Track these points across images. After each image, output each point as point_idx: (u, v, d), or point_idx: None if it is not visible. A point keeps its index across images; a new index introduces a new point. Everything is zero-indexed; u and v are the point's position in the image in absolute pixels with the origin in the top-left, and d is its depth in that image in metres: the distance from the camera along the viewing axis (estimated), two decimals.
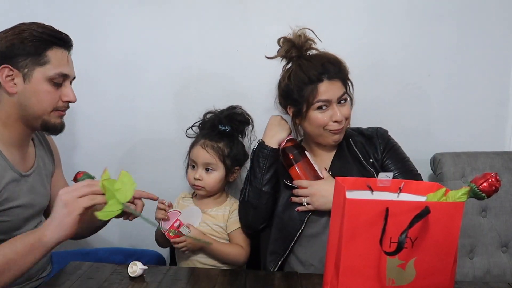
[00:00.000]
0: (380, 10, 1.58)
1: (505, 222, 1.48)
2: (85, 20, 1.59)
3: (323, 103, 1.24)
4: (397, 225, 0.79)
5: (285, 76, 1.31)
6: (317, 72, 1.24)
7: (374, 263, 0.82)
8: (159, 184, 1.63)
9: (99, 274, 1.08)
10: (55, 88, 1.11)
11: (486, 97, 1.63)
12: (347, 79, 1.30)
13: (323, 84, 1.24)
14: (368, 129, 1.38)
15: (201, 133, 1.44)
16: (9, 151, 1.12)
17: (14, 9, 1.60)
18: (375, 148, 1.32)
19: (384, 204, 0.80)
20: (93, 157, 1.66)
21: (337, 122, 1.25)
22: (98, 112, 1.66)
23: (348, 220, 0.81)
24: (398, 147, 1.35)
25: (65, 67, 1.13)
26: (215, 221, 1.39)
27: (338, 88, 1.25)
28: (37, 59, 1.08)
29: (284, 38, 1.32)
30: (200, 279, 1.07)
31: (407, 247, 0.81)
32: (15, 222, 1.12)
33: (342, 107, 1.26)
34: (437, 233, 0.80)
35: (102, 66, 1.63)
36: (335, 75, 1.25)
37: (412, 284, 0.82)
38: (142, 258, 1.31)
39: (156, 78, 1.63)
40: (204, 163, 1.38)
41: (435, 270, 0.82)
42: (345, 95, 1.27)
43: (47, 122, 1.13)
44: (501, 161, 1.52)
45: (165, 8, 1.59)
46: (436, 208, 0.80)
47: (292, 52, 1.30)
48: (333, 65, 1.26)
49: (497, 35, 1.59)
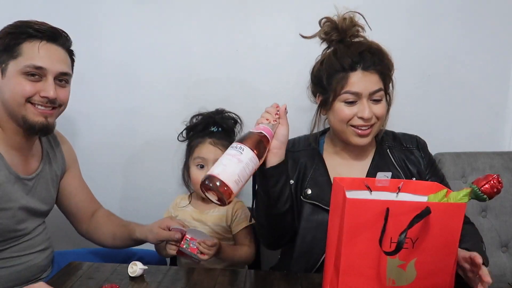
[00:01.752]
0: (379, 10, 1.57)
1: (505, 222, 1.49)
2: (84, 20, 1.60)
3: (352, 95, 1.09)
4: (398, 225, 0.79)
5: (320, 61, 1.18)
6: (351, 60, 1.09)
7: (374, 263, 0.81)
8: (157, 184, 1.64)
9: (99, 274, 1.08)
10: (30, 81, 1.07)
11: (486, 97, 1.63)
12: (388, 74, 1.15)
13: (356, 74, 1.10)
14: (404, 136, 1.25)
15: (203, 133, 1.41)
16: (8, 152, 1.11)
17: (12, 9, 1.60)
18: (418, 164, 1.19)
19: (384, 204, 0.80)
20: (92, 157, 1.66)
21: (362, 119, 1.11)
22: (96, 112, 1.66)
23: (348, 220, 0.81)
24: (436, 163, 1.24)
25: (40, 59, 1.07)
26: (216, 222, 1.38)
27: (373, 82, 1.10)
28: (11, 53, 1.07)
29: (327, 19, 1.18)
30: (200, 279, 1.06)
31: (408, 248, 0.80)
32: (6, 224, 1.10)
33: (374, 104, 1.12)
34: (438, 234, 0.80)
35: (101, 67, 1.63)
36: (372, 66, 1.10)
37: (413, 284, 0.82)
38: (142, 258, 1.31)
39: (155, 79, 1.63)
40: (216, 160, 1.34)
41: (436, 271, 0.81)
42: (380, 92, 1.12)
43: (26, 119, 1.09)
44: (501, 161, 1.52)
45: (164, 8, 1.59)
46: (437, 209, 0.79)
47: (332, 35, 1.16)
48: (372, 55, 1.11)
49: (497, 35, 1.59)
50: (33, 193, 1.17)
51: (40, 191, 1.20)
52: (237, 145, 0.96)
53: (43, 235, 1.21)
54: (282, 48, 1.60)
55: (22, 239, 1.14)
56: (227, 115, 1.46)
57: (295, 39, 1.60)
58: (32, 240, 1.17)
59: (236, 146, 0.96)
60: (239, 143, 0.96)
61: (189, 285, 1.04)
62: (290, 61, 1.61)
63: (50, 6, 1.59)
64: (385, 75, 1.14)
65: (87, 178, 1.52)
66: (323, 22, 1.18)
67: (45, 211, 1.24)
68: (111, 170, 1.71)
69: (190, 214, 1.41)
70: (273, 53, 1.60)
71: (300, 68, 1.61)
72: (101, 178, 1.68)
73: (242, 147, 0.95)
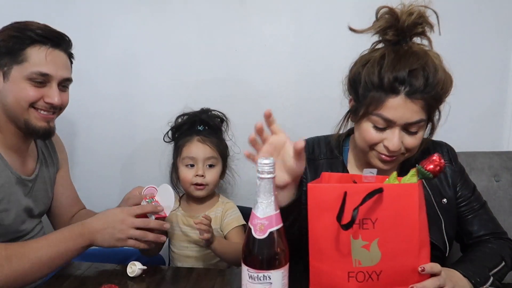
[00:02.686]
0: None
1: (504, 222, 1.48)
2: (84, 20, 1.60)
3: (383, 121, 0.94)
4: (355, 206, 0.82)
5: (363, 59, 0.98)
6: (393, 79, 0.91)
7: (339, 245, 0.84)
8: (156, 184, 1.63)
9: (98, 274, 1.08)
10: (35, 87, 1.07)
11: (485, 97, 1.63)
12: (436, 103, 0.96)
13: (396, 100, 0.92)
14: (435, 146, 1.13)
15: (190, 131, 1.37)
16: (7, 153, 1.10)
17: (12, 9, 1.60)
18: (448, 178, 1.09)
19: (342, 188, 0.83)
20: (91, 157, 1.66)
21: (387, 149, 0.96)
22: (96, 111, 1.66)
23: (311, 204, 0.84)
24: (467, 173, 1.14)
25: (46, 66, 1.07)
26: None
27: (414, 112, 0.93)
28: (15, 57, 1.05)
29: (388, 10, 0.95)
30: (200, 279, 1.06)
31: (369, 229, 0.83)
32: (9, 224, 1.09)
33: (408, 135, 0.96)
34: (394, 214, 0.83)
35: (101, 66, 1.63)
36: (419, 94, 0.91)
37: (379, 265, 0.84)
38: (141, 258, 1.31)
39: (155, 79, 1.64)
40: (206, 158, 1.33)
41: (400, 252, 0.84)
42: (421, 123, 0.95)
43: (28, 123, 1.09)
44: (499, 161, 1.52)
45: (164, 8, 1.59)
46: (391, 189, 0.83)
47: (388, 34, 0.96)
48: (425, 79, 0.91)
49: (496, 35, 1.59)
50: (32, 194, 1.17)
51: (39, 192, 1.20)
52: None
53: (40, 235, 1.21)
54: (282, 48, 1.60)
55: (22, 239, 1.14)
56: (213, 113, 1.44)
57: (294, 39, 1.61)
58: None
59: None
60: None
61: (188, 285, 1.04)
62: (290, 61, 1.61)
63: (50, 6, 1.59)
64: (432, 104, 0.95)
65: (86, 177, 1.52)
66: (382, 12, 0.96)
67: (42, 212, 1.24)
68: (110, 170, 1.71)
69: (180, 218, 1.37)
70: (272, 53, 1.60)
71: (300, 68, 1.62)
72: (100, 178, 1.67)
73: None
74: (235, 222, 1.35)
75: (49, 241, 1.00)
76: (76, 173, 1.58)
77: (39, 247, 0.98)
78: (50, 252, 0.98)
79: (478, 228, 1.11)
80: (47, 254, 0.98)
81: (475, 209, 1.14)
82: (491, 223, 1.13)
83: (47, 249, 0.98)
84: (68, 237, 1.01)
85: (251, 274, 0.76)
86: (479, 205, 1.15)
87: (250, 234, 0.76)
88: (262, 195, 0.75)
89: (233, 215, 1.36)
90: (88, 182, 1.65)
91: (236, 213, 1.38)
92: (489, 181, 1.50)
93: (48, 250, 0.98)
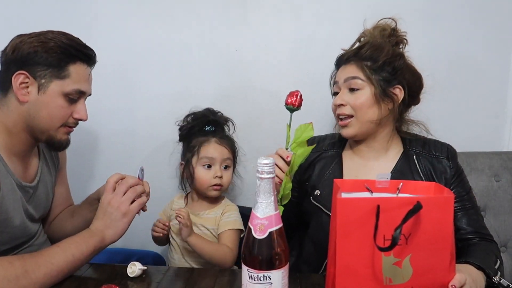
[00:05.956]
0: (379, 10, 1.57)
1: (504, 222, 1.49)
2: (83, 20, 1.59)
3: (335, 86, 1.19)
4: (389, 222, 0.79)
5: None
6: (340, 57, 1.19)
7: (369, 262, 0.81)
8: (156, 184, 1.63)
9: (99, 274, 1.08)
10: (68, 103, 1.07)
11: (485, 97, 1.63)
12: (366, 64, 1.14)
13: (340, 69, 1.20)
14: (435, 144, 1.22)
15: (204, 132, 1.39)
16: (11, 159, 1.08)
17: (12, 9, 1.60)
18: (444, 173, 1.16)
19: (375, 202, 0.80)
20: (91, 157, 1.66)
21: (338, 108, 1.15)
22: (96, 113, 1.65)
23: (340, 220, 0.80)
24: (465, 175, 1.20)
25: (84, 84, 1.09)
26: (209, 224, 1.36)
27: (350, 71, 1.15)
28: (58, 71, 1.04)
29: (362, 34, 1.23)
30: (200, 279, 1.06)
31: (402, 244, 0.80)
32: (13, 232, 1.08)
33: (351, 93, 1.14)
34: (430, 228, 0.80)
35: (101, 66, 1.62)
36: (353, 57, 1.16)
37: (410, 282, 0.81)
38: (141, 258, 1.31)
39: (155, 79, 1.63)
40: (223, 159, 1.35)
41: (432, 267, 0.81)
42: (355, 80, 1.13)
43: (53, 138, 1.09)
44: (500, 161, 1.52)
45: (163, 8, 1.59)
46: (427, 203, 0.79)
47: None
48: (357, 48, 1.17)
49: (496, 35, 1.59)
50: (33, 200, 1.16)
51: (40, 198, 1.19)
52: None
53: (41, 238, 1.21)
54: (282, 48, 1.60)
55: (26, 244, 1.14)
56: (220, 115, 1.46)
57: (294, 39, 1.61)
58: (33, 247, 1.16)
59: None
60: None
61: (188, 285, 1.04)
62: (290, 61, 1.61)
63: (49, 6, 1.59)
64: (363, 62, 1.14)
65: (86, 177, 1.52)
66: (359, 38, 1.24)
67: (42, 215, 1.23)
68: (110, 169, 1.70)
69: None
70: (272, 53, 1.60)
71: (300, 67, 1.62)
72: (100, 178, 1.67)
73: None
74: (230, 225, 1.33)
75: (62, 247, 0.99)
76: (76, 173, 1.57)
77: (53, 254, 0.97)
78: (65, 257, 0.98)
79: (466, 223, 1.12)
80: (63, 259, 0.97)
81: (466, 208, 1.15)
82: (479, 223, 1.14)
83: (61, 255, 0.98)
84: (79, 241, 1.01)
85: (251, 274, 0.76)
86: (471, 205, 1.16)
87: (250, 234, 0.77)
88: (262, 195, 0.75)
89: (231, 217, 1.35)
90: (86, 182, 1.65)
91: (234, 217, 1.36)
92: (489, 181, 1.50)
93: (62, 255, 0.98)
